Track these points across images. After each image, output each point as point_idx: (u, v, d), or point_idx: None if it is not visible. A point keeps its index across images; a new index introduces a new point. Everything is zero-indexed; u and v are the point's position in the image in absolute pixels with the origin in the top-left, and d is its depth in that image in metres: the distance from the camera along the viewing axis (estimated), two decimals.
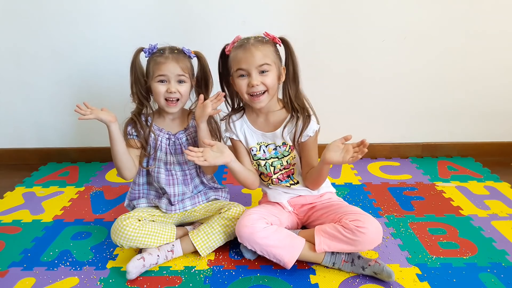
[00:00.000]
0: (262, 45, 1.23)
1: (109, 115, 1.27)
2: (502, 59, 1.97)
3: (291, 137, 1.31)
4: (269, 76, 1.24)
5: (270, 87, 1.25)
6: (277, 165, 1.35)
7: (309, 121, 1.29)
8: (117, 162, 1.33)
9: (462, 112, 2.07)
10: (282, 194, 1.39)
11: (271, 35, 1.27)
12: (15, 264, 1.32)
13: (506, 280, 1.19)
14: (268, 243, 1.21)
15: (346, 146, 1.16)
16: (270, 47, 1.25)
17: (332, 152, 1.18)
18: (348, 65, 1.97)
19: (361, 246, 1.19)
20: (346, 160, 1.15)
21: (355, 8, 1.88)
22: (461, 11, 1.88)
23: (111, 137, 1.29)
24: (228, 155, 1.26)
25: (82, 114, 1.23)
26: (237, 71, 1.24)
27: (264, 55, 1.22)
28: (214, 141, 1.27)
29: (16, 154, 2.15)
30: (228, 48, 1.29)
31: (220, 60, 1.34)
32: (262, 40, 1.25)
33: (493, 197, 1.69)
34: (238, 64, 1.23)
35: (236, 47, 1.25)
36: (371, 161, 2.11)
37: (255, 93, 1.24)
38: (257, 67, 1.22)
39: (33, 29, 1.91)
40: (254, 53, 1.21)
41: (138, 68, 1.33)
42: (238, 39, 1.28)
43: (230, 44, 1.29)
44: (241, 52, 1.23)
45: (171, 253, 1.30)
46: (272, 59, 1.24)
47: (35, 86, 2.02)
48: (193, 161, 1.20)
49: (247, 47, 1.22)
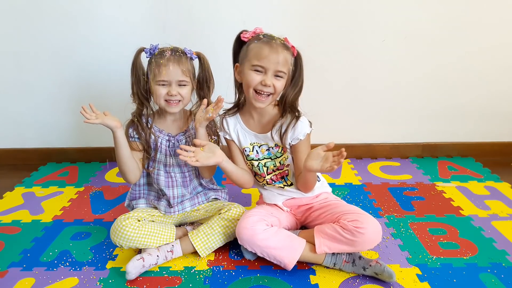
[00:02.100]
0: (286, 50, 1.22)
1: (115, 120, 1.27)
2: (502, 59, 1.97)
3: (278, 136, 1.30)
4: (281, 82, 1.23)
5: (277, 92, 1.24)
6: (270, 166, 1.35)
7: (296, 121, 1.28)
8: (122, 166, 1.33)
9: (462, 112, 2.07)
10: (276, 195, 1.38)
11: (291, 44, 1.25)
12: (14, 264, 1.31)
13: (507, 280, 1.19)
14: (268, 245, 1.21)
15: (326, 154, 1.12)
16: (290, 55, 1.24)
17: (313, 160, 1.15)
18: (348, 65, 1.97)
19: (360, 246, 1.18)
20: (323, 169, 1.11)
21: (355, 8, 1.87)
22: (461, 11, 1.88)
23: (116, 142, 1.29)
24: (219, 155, 1.25)
25: (87, 118, 1.23)
26: (254, 65, 1.21)
27: (285, 61, 1.21)
28: (205, 142, 1.27)
29: (16, 154, 2.15)
30: (247, 36, 1.25)
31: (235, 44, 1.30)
32: (287, 46, 1.23)
33: (494, 197, 1.69)
34: (259, 59, 1.20)
35: (260, 41, 1.21)
36: (371, 161, 2.11)
37: (263, 92, 1.23)
38: (275, 70, 1.21)
39: (34, 29, 1.91)
40: (279, 55, 1.19)
41: (139, 68, 1.32)
42: (261, 31, 1.25)
43: (250, 33, 1.26)
44: (266, 48, 1.19)
45: (170, 254, 1.30)
46: (288, 68, 1.23)
47: (34, 86, 2.02)
48: (185, 161, 1.20)
49: (274, 46, 1.20)
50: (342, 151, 1.08)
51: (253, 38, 1.24)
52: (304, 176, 1.26)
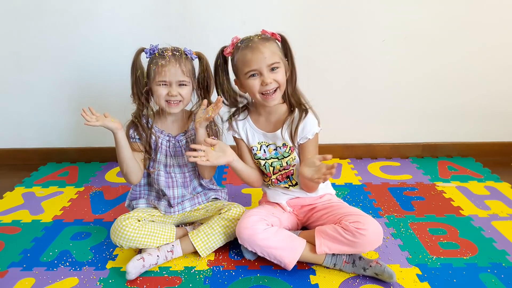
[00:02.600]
0: (268, 42, 1.22)
1: (115, 122, 1.27)
2: (502, 59, 1.96)
3: (288, 133, 1.30)
4: (279, 72, 1.23)
5: (281, 83, 1.24)
6: (277, 166, 1.35)
7: (305, 114, 1.28)
8: (124, 168, 1.33)
9: (462, 112, 2.07)
10: (281, 194, 1.39)
11: (270, 32, 1.26)
12: (14, 264, 1.31)
13: (507, 280, 1.19)
14: (269, 245, 1.21)
15: (320, 165, 1.14)
16: (274, 44, 1.25)
17: (307, 167, 1.17)
18: (348, 65, 1.97)
19: (361, 248, 1.18)
20: (314, 179, 1.13)
21: (355, 8, 1.87)
22: (461, 11, 1.88)
23: (117, 144, 1.29)
24: (230, 154, 1.26)
25: (88, 120, 1.23)
26: (247, 73, 1.22)
27: (272, 52, 1.21)
28: (216, 140, 1.27)
29: (16, 154, 2.15)
30: (228, 50, 1.27)
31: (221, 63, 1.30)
32: (266, 38, 1.24)
33: (494, 197, 1.68)
34: (249, 66, 1.21)
35: (241, 49, 1.23)
36: (371, 161, 2.11)
37: (268, 91, 1.23)
38: (268, 65, 1.21)
39: (34, 29, 1.91)
40: (263, 52, 1.20)
41: (139, 68, 1.32)
42: (237, 40, 1.26)
43: (229, 46, 1.27)
44: (249, 53, 1.21)
45: (170, 254, 1.30)
46: (279, 56, 1.24)
47: (34, 86, 2.02)
48: (196, 161, 1.20)
49: (254, 46, 1.20)
50: (334, 165, 1.08)
51: (233, 50, 1.26)
52: (301, 179, 1.28)
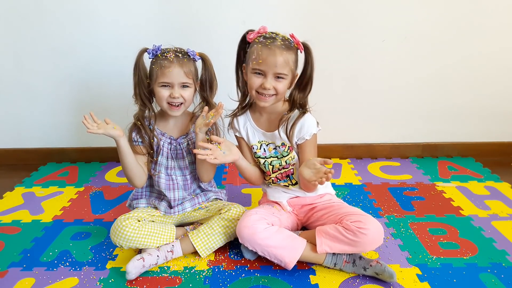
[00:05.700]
0: (286, 51, 1.20)
1: (117, 129, 1.26)
2: (502, 59, 1.97)
3: (284, 132, 1.30)
4: (282, 83, 1.23)
5: (280, 93, 1.24)
6: (276, 165, 1.35)
7: (302, 116, 1.28)
8: (128, 173, 1.33)
9: (462, 112, 2.07)
10: (281, 193, 1.39)
11: (297, 40, 1.24)
12: (14, 264, 1.31)
13: (507, 280, 1.19)
14: (269, 244, 1.21)
15: (320, 168, 1.14)
16: (293, 55, 1.22)
17: (306, 168, 1.18)
18: (348, 65, 1.97)
19: (362, 247, 1.18)
20: (311, 180, 1.15)
21: (355, 7, 1.87)
22: (462, 11, 1.88)
23: (120, 151, 1.28)
24: (236, 153, 1.28)
25: (89, 128, 1.22)
26: (253, 68, 1.22)
27: (285, 63, 1.20)
28: (222, 138, 1.28)
29: (16, 154, 2.15)
30: (251, 36, 1.25)
31: (241, 44, 1.29)
32: (288, 45, 1.21)
33: (494, 197, 1.69)
34: (258, 64, 1.20)
35: (260, 42, 1.21)
36: (371, 161, 2.11)
37: (265, 94, 1.23)
38: (275, 73, 1.20)
39: (34, 29, 1.91)
40: (277, 58, 1.18)
41: (141, 69, 1.30)
42: (264, 31, 1.24)
43: (255, 33, 1.24)
44: (265, 51, 1.19)
45: (170, 254, 1.30)
46: (290, 68, 1.22)
47: (35, 86, 2.02)
48: (204, 159, 1.20)
49: (273, 49, 1.18)
50: (330, 172, 1.10)
51: (256, 39, 1.24)
52: (301, 179, 1.28)
